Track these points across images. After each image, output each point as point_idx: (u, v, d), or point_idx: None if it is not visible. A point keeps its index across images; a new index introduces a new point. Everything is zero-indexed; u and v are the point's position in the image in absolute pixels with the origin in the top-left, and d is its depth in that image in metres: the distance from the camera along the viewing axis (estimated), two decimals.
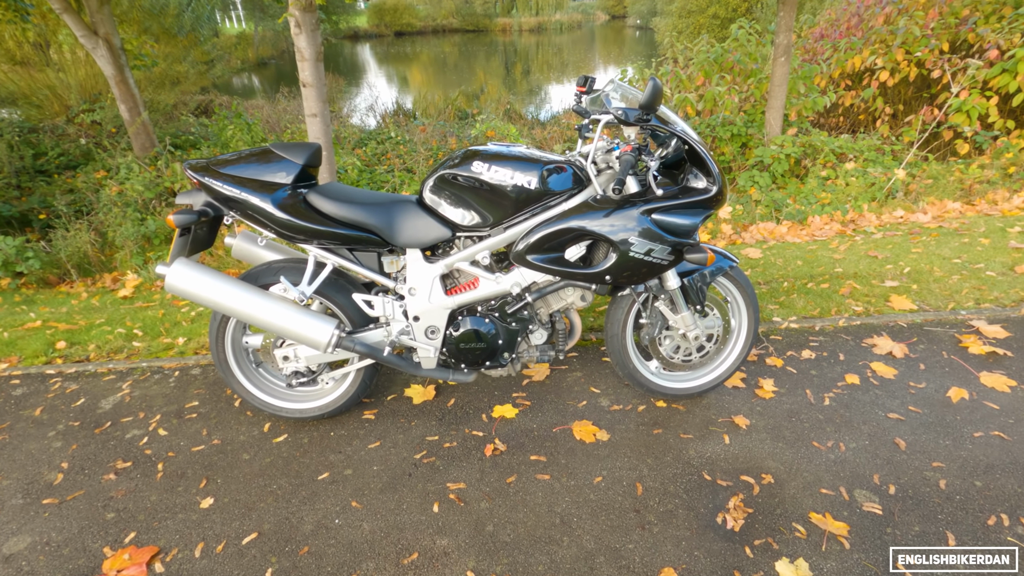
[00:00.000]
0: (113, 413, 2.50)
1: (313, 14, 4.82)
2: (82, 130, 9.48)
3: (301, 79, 5.02)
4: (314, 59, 4.94)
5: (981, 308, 3.02)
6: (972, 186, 5.54)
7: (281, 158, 2.00)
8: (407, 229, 2.03)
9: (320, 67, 5.03)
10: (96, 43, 6.62)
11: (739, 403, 2.41)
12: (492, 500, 1.98)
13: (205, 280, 1.95)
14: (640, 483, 2.03)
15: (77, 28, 6.44)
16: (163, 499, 2.03)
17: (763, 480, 2.02)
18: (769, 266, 3.77)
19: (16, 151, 8.01)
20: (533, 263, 1.99)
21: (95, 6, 6.59)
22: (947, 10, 6.92)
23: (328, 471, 2.13)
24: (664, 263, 1.99)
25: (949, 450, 2.10)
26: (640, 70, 8.76)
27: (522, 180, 1.93)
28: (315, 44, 4.87)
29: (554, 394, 2.52)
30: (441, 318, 2.13)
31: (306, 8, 4.74)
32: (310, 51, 4.87)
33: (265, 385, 2.35)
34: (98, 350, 3.00)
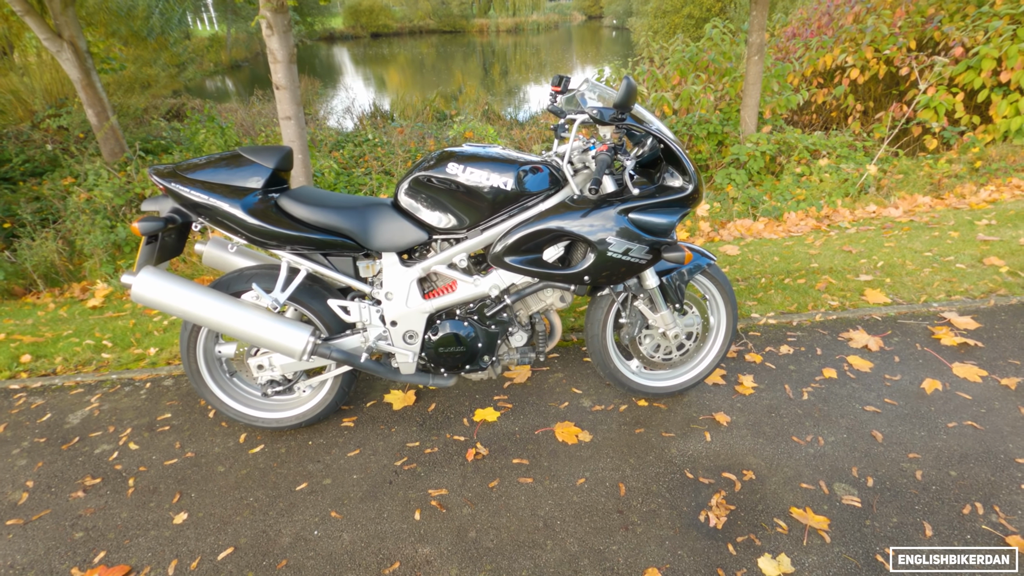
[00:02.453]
0: (81, 428, 2.42)
1: (285, 16, 4.75)
2: (48, 136, 9.22)
3: (274, 81, 4.94)
4: (287, 61, 4.86)
5: (952, 300, 3.08)
6: (941, 180, 5.66)
7: (251, 162, 1.95)
8: (382, 233, 2.00)
9: (293, 69, 4.95)
10: (61, 46, 6.45)
11: (720, 400, 2.42)
12: (475, 506, 1.95)
13: (173, 289, 1.89)
14: (623, 483, 2.02)
15: (40, 31, 6.27)
16: (134, 516, 1.96)
17: (744, 476, 2.02)
18: (747, 263, 3.80)
19: None
20: (511, 265, 1.97)
21: (59, 8, 6.42)
22: (914, 9, 7.08)
23: (307, 481, 2.08)
24: (642, 262, 1.98)
25: (924, 441, 2.13)
26: (617, 70, 8.80)
27: (498, 181, 1.91)
28: (288, 46, 4.80)
29: (536, 396, 2.50)
30: (419, 322, 2.09)
31: (277, 9, 4.67)
32: (283, 53, 4.80)
33: (240, 395, 2.29)
34: (65, 363, 2.91)
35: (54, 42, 6.39)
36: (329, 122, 12.23)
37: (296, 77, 4.99)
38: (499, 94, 17.22)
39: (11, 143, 8.61)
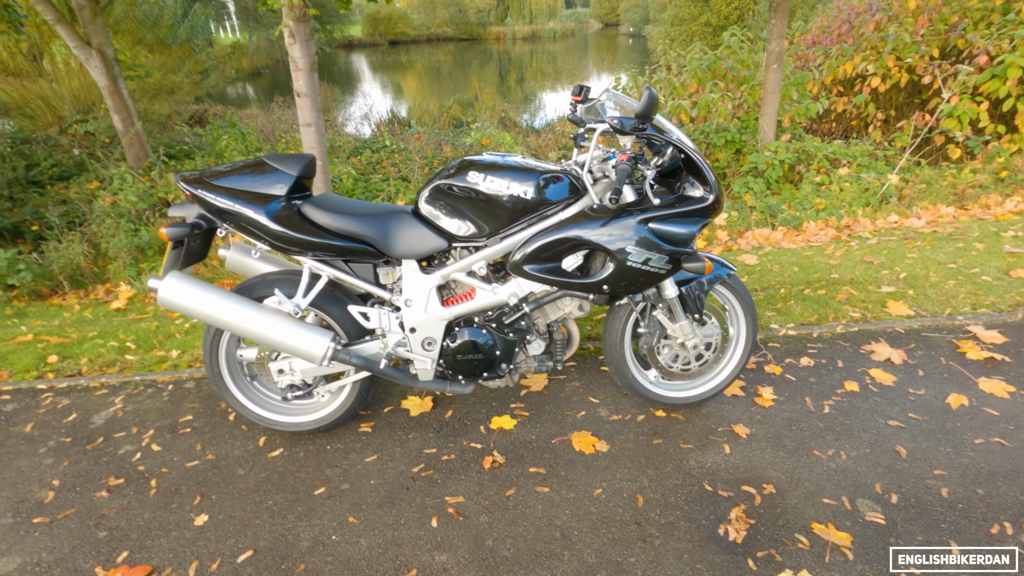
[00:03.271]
0: (105, 428, 2.46)
1: (307, 24, 4.83)
2: (75, 141, 9.44)
3: (295, 89, 5.02)
4: (308, 69, 4.94)
5: (978, 313, 3.02)
6: (965, 191, 5.57)
7: (275, 169, 1.98)
8: (403, 240, 2.02)
9: (314, 77, 5.03)
10: (90, 54, 6.61)
11: (739, 412, 2.39)
12: (491, 514, 1.95)
13: (198, 293, 1.93)
14: (641, 495, 2.01)
15: (71, 39, 6.43)
16: (157, 516, 1.99)
17: (764, 490, 2.00)
18: (766, 272, 3.77)
19: (9, 162, 7.96)
20: (530, 273, 1.97)
21: (88, 17, 6.58)
22: (937, 17, 6.99)
23: (325, 486, 2.10)
24: (662, 272, 1.98)
25: (950, 458, 2.09)
26: (634, 78, 8.79)
27: (518, 190, 1.91)
28: (309, 54, 4.87)
29: (553, 405, 2.50)
30: (438, 329, 2.10)
31: (300, 18, 4.75)
32: (304, 61, 4.88)
33: (260, 399, 2.32)
34: (90, 364, 2.96)
35: (83, 50, 6.55)
36: (347, 128, 12.37)
37: (317, 84, 5.06)
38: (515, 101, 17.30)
39: (40, 148, 8.82)
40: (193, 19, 13.06)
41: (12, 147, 8.60)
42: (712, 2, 19.84)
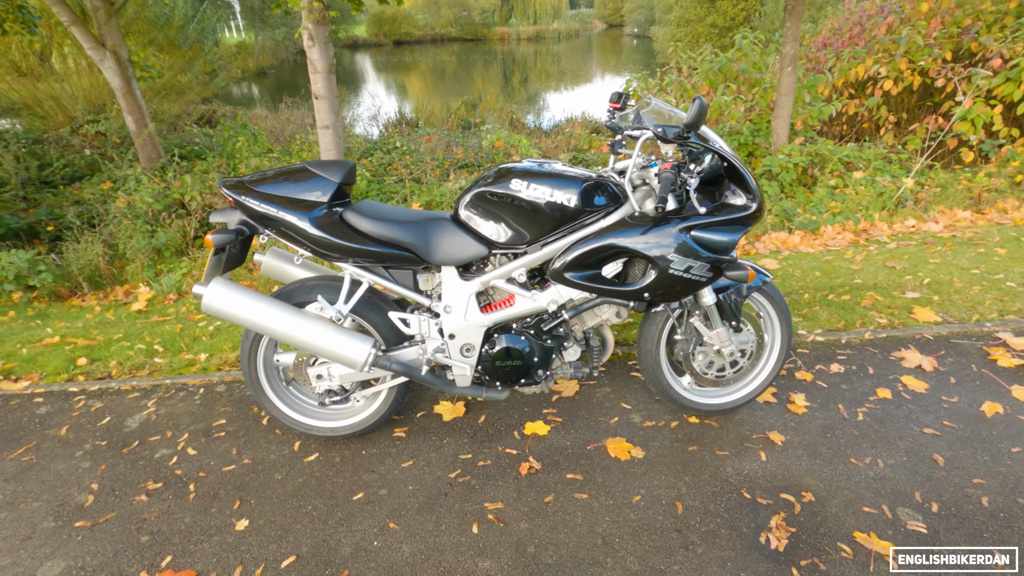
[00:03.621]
0: (140, 432, 2.47)
1: (326, 27, 4.84)
2: (87, 141, 9.46)
3: (313, 91, 5.03)
4: (326, 71, 4.96)
5: (1006, 320, 3.02)
6: (981, 195, 5.56)
7: (317, 176, 1.99)
8: (443, 247, 2.02)
9: (332, 79, 5.04)
10: (103, 55, 6.62)
11: (772, 419, 2.40)
12: (531, 520, 1.96)
13: (242, 300, 1.93)
14: (679, 502, 2.01)
15: (85, 40, 6.45)
16: (197, 521, 2.00)
17: (803, 498, 2.00)
18: (787, 277, 3.77)
19: (22, 162, 7.98)
20: (571, 280, 1.98)
21: (103, 19, 6.60)
22: (950, 20, 6.97)
23: (363, 491, 2.10)
24: (703, 280, 1.98)
25: (988, 466, 2.09)
26: (644, 80, 8.78)
27: (561, 197, 1.92)
28: (327, 56, 4.89)
29: (585, 410, 2.50)
30: (477, 336, 2.11)
31: (319, 21, 4.76)
32: (323, 63, 4.89)
33: (296, 403, 2.32)
34: (120, 366, 2.97)
35: (98, 51, 6.56)
36: (356, 129, 12.38)
37: (335, 87, 5.08)
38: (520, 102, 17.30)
39: (52, 148, 8.85)
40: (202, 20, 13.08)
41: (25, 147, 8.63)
42: (719, 4, 19.83)
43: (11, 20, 7.41)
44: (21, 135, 9.05)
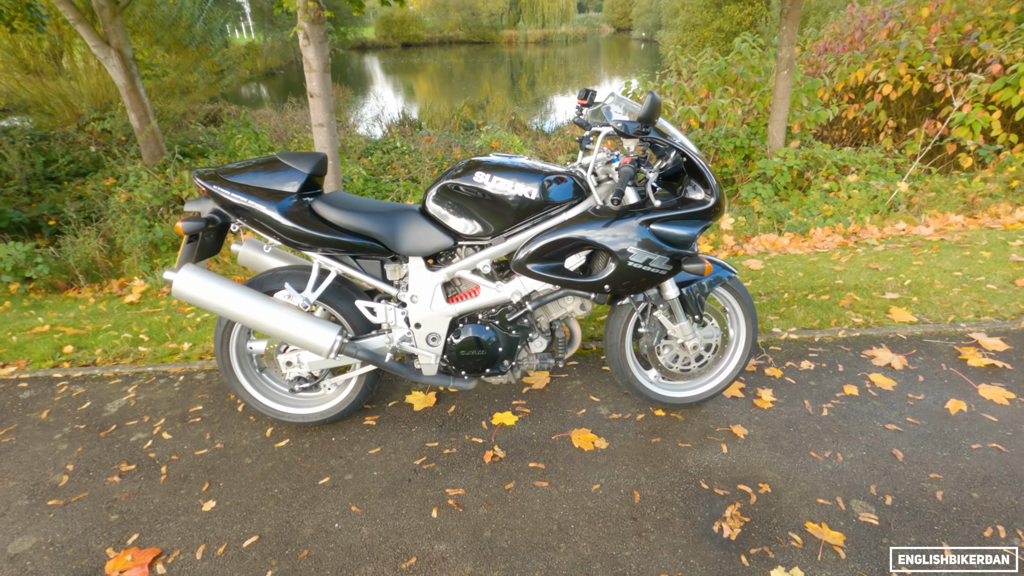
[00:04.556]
0: (118, 416, 2.53)
1: (321, 27, 4.91)
2: (92, 138, 9.60)
3: (309, 90, 5.10)
4: (322, 70, 5.02)
5: (981, 321, 3.03)
6: (975, 199, 5.55)
7: (288, 167, 2.05)
8: (410, 238, 2.07)
9: (327, 78, 5.10)
10: (108, 53, 6.73)
11: (737, 413, 2.42)
12: (490, 506, 2.00)
13: (211, 286, 1.99)
14: (637, 491, 2.04)
15: (90, 39, 6.56)
16: (166, 501, 2.05)
17: (760, 489, 2.03)
18: (770, 277, 3.79)
19: (28, 158, 8.11)
20: (533, 272, 2.02)
21: (108, 17, 6.71)
22: (950, 25, 6.97)
23: (329, 476, 2.15)
24: (662, 273, 2.02)
25: (947, 461, 2.11)
26: (644, 82, 8.83)
27: (523, 190, 1.96)
28: (323, 56, 4.95)
29: (554, 402, 2.54)
30: (442, 325, 2.15)
31: (314, 21, 4.83)
32: (318, 62, 4.96)
33: (268, 390, 2.38)
34: (104, 355, 3.04)
35: (102, 49, 6.67)
36: (359, 129, 12.49)
37: (330, 86, 5.14)
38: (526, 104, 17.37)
39: (58, 144, 8.99)
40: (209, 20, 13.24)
41: (31, 144, 8.77)
42: (725, 8, 19.85)
43: (19, 18, 7.54)
44: (28, 131, 9.20)
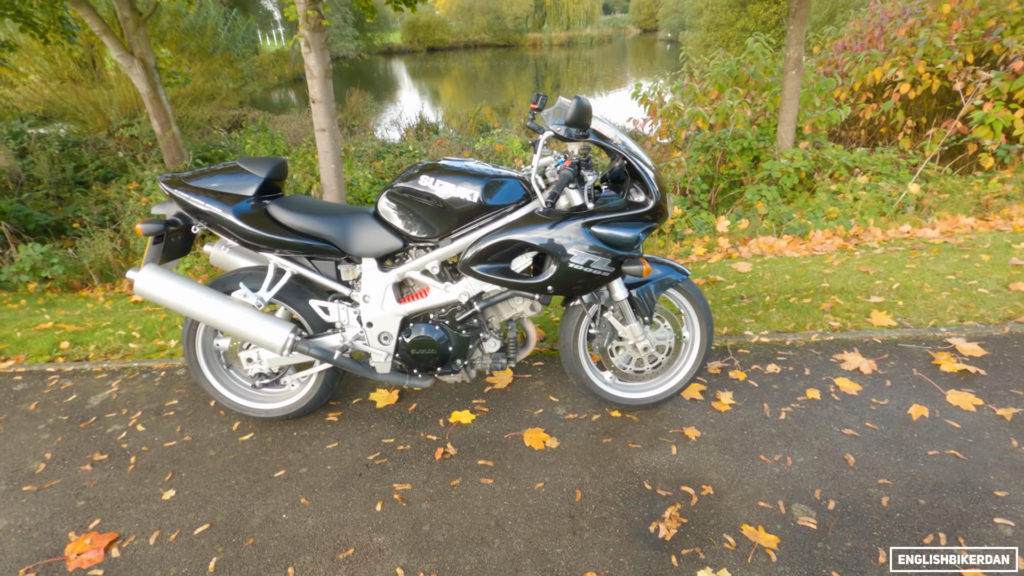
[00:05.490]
0: (100, 409, 2.67)
1: (322, 34, 5.04)
2: (121, 144, 10.02)
3: (311, 96, 5.24)
4: (323, 76, 5.15)
5: (963, 325, 2.95)
6: (989, 201, 5.38)
7: (246, 172, 2.14)
8: (361, 239, 2.14)
9: (329, 84, 5.24)
10: (132, 62, 7.01)
11: (693, 415, 2.42)
12: (433, 501, 2.05)
13: (171, 285, 2.09)
14: (580, 490, 2.07)
15: (115, 48, 6.84)
16: (130, 489, 2.16)
17: (703, 491, 2.03)
18: (756, 280, 3.75)
19: (57, 164, 8.51)
20: (478, 273, 2.07)
21: (132, 28, 6.99)
22: (972, 21, 6.74)
23: (285, 469, 2.23)
24: (605, 275, 2.04)
25: (899, 467, 2.08)
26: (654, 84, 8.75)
27: (466, 193, 2.01)
28: (324, 62, 5.08)
29: (513, 401, 2.57)
30: (393, 325, 2.22)
31: (315, 29, 4.96)
32: (319, 69, 5.09)
33: (234, 386, 2.48)
34: (97, 350, 3.20)
35: (126, 58, 6.96)
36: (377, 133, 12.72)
37: (331, 92, 5.28)
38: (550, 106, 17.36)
39: (88, 150, 9.40)
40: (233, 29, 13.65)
41: (62, 150, 9.20)
42: (750, 8, 19.53)
43: (52, 30, 7.91)
44: (61, 138, 9.64)
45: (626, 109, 8.66)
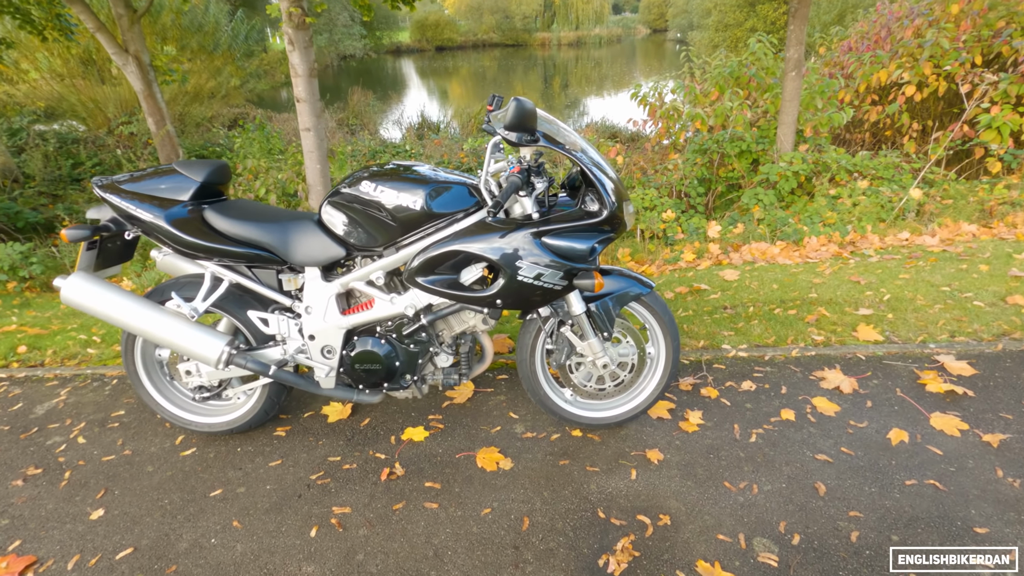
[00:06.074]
0: (44, 419, 2.57)
1: (306, 32, 4.94)
2: (120, 141, 10.00)
3: (295, 95, 5.15)
4: (307, 75, 5.06)
5: (954, 341, 2.79)
6: (993, 208, 5.18)
7: (180, 175, 2.03)
8: (302, 247, 2.02)
9: (314, 83, 5.14)
10: (126, 60, 6.96)
11: (658, 435, 2.28)
12: (372, 527, 1.93)
13: (100, 294, 1.99)
14: (528, 517, 1.94)
15: (109, 46, 6.80)
16: (58, 508, 2.06)
17: (659, 521, 1.89)
18: (742, 289, 3.60)
19: (53, 162, 8.49)
20: (423, 285, 1.94)
21: (126, 25, 6.94)
22: (981, 22, 6.53)
23: (222, 488, 2.12)
24: (557, 288, 1.91)
25: (873, 499, 1.93)
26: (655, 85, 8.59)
27: (407, 200, 1.89)
28: (308, 61, 4.99)
29: (471, 418, 2.45)
30: (336, 338, 2.10)
31: (299, 27, 4.86)
32: (303, 67, 5.00)
33: (176, 398, 2.37)
34: (54, 356, 3.11)
35: (121, 56, 6.91)
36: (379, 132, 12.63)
37: (316, 90, 5.18)
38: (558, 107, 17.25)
39: (86, 147, 9.38)
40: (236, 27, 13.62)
41: (61, 147, 9.18)
42: (759, 8, 19.27)
43: (50, 28, 7.89)
44: (60, 135, 9.63)
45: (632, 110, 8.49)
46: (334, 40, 29.40)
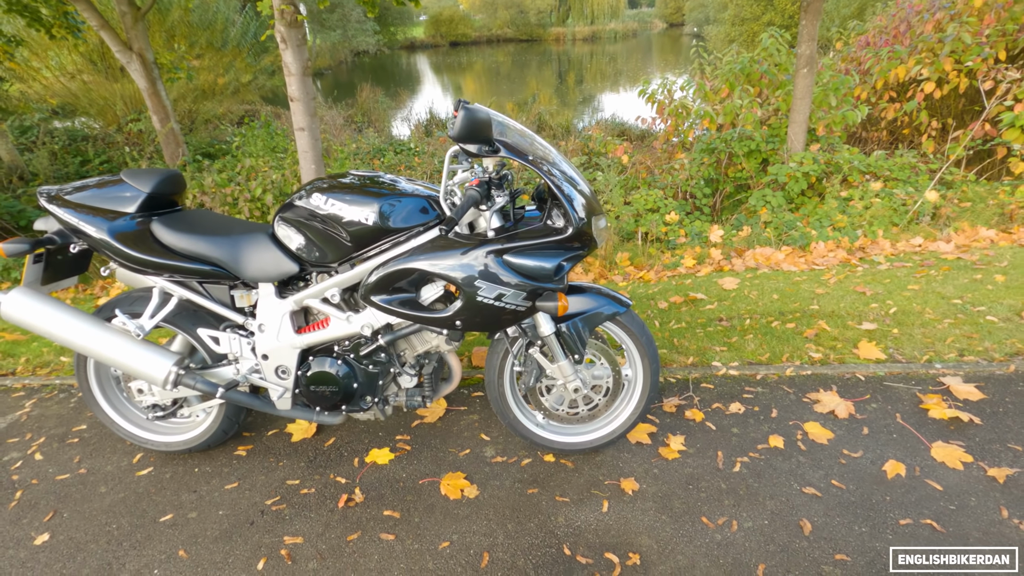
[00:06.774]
0: (4, 433, 2.50)
1: (299, 30, 4.84)
2: (128, 139, 10.03)
3: (289, 94, 5.05)
4: (300, 74, 4.96)
5: (962, 361, 2.60)
6: (1014, 211, 4.93)
7: (128, 186, 1.93)
8: (254, 263, 1.91)
9: (307, 82, 5.04)
10: (130, 58, 6.95)
11: (636, 463, 2.14)
12: (323, 560, 1.82)
13: (41, 310, 1.89)
14: (488, 553, 1.81)
15: (113, 44, 6.79)
16: (3, 531, 1.98)
17: (628, 560, 1.76)
18: (740, 299, 3.43)
19: (60, 159, 8.53)
20: (379, 304, 1.82)
21: (130, 23, 6.93)
22: (1006, 15, 6.21)
23: (174, 512, 2.03)
24: (521, 309, 1.78)
25: (862, 540, 1.77)
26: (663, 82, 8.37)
27: (358, 215, 1.77)
28: (301, 59, 4.89)
29: (440, 439, 2.33)
30: (291, 357, 1.99)
31: (291, 24, 4.76)
32: (296, 66, 4.90)
33: (133, 415, 2.28)
34: (27, 364, 3.05)
35: (125, 54, 6.90)
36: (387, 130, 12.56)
37: (310, 89, 5.08)
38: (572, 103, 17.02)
39: (95, 145, 9.42)
40: (245, 24, 13.62)
41: (70, 144, 9.23)
42: (776, 1, 18.83)
43: (57, 25, 7.91)
44: (68, 132, 9.68)
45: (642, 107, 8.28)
46: (348, 36, 29.38)
